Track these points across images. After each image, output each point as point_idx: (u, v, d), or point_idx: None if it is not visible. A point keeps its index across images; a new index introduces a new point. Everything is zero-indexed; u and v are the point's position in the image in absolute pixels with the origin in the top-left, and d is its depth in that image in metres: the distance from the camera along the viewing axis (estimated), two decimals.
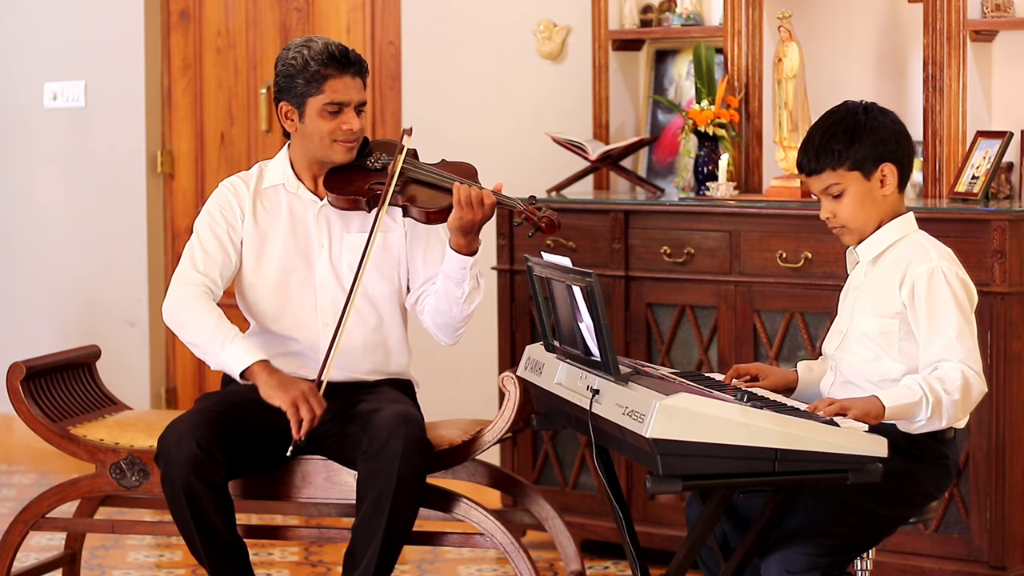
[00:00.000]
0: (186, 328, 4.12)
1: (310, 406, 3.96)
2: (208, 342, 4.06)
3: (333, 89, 4.13)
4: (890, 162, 3.54)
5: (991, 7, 4.93)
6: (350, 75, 4.15)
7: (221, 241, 4.18)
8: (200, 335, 4.08)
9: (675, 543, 4.88)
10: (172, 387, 6.99)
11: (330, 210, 4.20)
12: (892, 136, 3.55)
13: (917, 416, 3.40)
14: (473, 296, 4.13)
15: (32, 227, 7.17)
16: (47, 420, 4.30)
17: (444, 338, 4.22)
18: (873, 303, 3.56)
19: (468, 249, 4.08)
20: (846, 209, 3.56)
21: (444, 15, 6.16)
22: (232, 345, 4.04)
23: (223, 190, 4.25)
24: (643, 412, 3.17)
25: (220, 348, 4.05)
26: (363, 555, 3.92)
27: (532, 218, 4.06)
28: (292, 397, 3.96)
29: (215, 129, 6.85)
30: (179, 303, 4.13)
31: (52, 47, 7.05)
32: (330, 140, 4.15)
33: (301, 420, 3.95)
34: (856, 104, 3.59)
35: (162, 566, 5.33)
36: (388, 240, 4.21)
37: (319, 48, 4.13)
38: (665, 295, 5.13)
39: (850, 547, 3.50)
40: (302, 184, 4.23)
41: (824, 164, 3.55)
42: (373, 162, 4.21)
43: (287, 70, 4.15)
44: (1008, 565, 4.61)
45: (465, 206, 4.02)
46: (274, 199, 4.23)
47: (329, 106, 4.13)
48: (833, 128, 3.56)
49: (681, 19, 5.52)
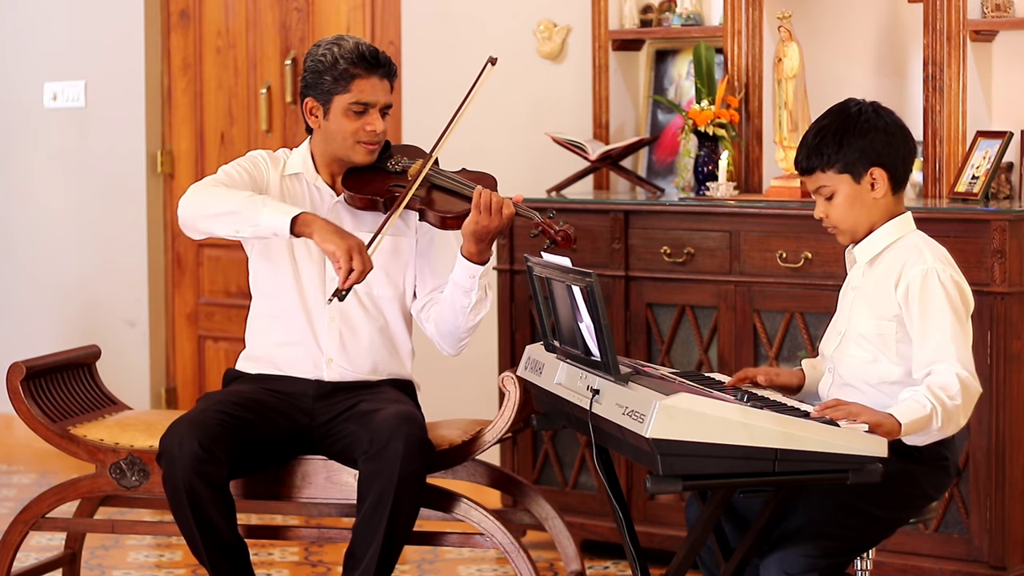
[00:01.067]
0: (215, 202, 4.00)
1: (363, 259, 3.91)
2: (246, 204, 3.96)
3: (360, 89, 4.12)
4: (880, 166, 3.53)
5: (991, 7, 4.93)
6: (378, 76, 4.14)
7: (246, 180, 4.14)
8: (235, 201, 3.98)
9: (675, 543, 4.88)
10: (172, 387, 6.99)
11: (343, 207, 4.20)
12: (884, 139, 3.53)
13: (930, 428, 3.38)
14: (480, 307, 4.12)
15: (32, 227, 7.17)
16: (47, 420, 4.30)
17: (447, 348, 4.22)
18: (870, 305, 3.55)
19: (480, 258, 4.07)
20: (837, 211, 3.57)
21: (444, 15, 6.16)
22: (272, 203, 3.97)
23: (255, 156, 4.23)
24: (643, 412, 3.17)
25: (262, 206, 3.95)
26: (363, 555, 3.92)
27: (549, 231, 4.05)
28: (348, 245, 3.90)
29: (215, 129, 6.85)
30: (202, 186, 4.05)
31: (52, 47, 7.05)
32: (353, 140, 4.15)
33: (351, 271, 3.90)
34: (853, 104, 3.58)
35: (162, 566, 5.33)
36: (399, 245, 4.20)
37: (350, 47, 4.13)
38: (665, 295, 5.13)
39: (849, 548, 3.50)
40: (320, 177, 4.23)
41: (815, 165, 3.56)
42: (394, 165, 4.21)
43: (316, 66, 4.14)
44: (1008, 565, 4.61)
45: (484, 211, 4.01)
46: (296, 186, 4.22)
47: (355, 106, 4.12)
48: (825, 130, 3.56)
49: (681, 19, 5.52)
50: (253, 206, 3.97)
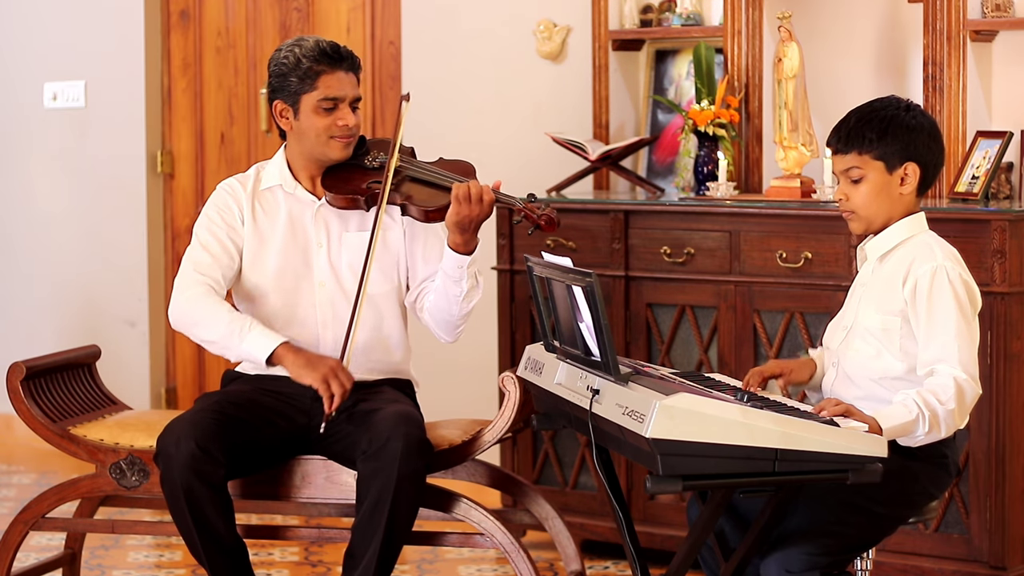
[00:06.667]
0: (200, 326, 4.12)
1: (340, 381, 4.00)
2: (226, 336, 4.07)
3: (327, 85, 4.14)
4: (916, 163, 3.55)
5: (991, 7, 4.93)
6: (343, 70, 4.16)
7: (222, 243, 4.18)
8: (217, 330, 4.08)
9: (675, 543, 4.88)
10: (172, 387, 6.99)
11: (328, 209, 4.20)
12: (926, 140, 3.57)
13: (915, 433, 3.41)
14: (472, 295, 4.13)
15: (32, 227, 7.17)
16: (47, 420, 4.30)
17: (444, 335, 4.23)
18: (877, 300, 3.56)
19: (466, 248, 4.08)
20: (860, 196, 3.57)
21: (444, 15, 6.16)
22: (252, 333, 4.05)
23: (221, 192, 4.25)
24: (643, 412, 3.17)
25: (240, 339, 4.05)
26: (363, 555, 3.92)
27: (531, 216, 4.06)
28: (322, 374, 4.00)
29: (215, 129, 6.85)
30: (187, 303, 4.13)
31: (52, 47, 7.05)
32: (327, 136, 4.16)
33: (332, 396, 3.99)
34: (902, 100, 3.61)
35: (162, 566, 5.33)
36: (387, 238, 4.21)
37: (310, 45, 4.15)
38: (665, 295, 5.13)
39: (850, 547, 3.50)
40: (299, 184, 4.23)
41: (852, 146, 3.57)
42: (371, 160, 4.21)
43: (279, 69, 4.16)
44: (1008, 565, 4.61)
45: (464, 202, 4.02)
46: (272, 200, 4.23)
47: (324, 102, 4.13)
48: (871, 115, 3.57)
49: (681, 19, 5.52)
50: (233, 336, 4.06)
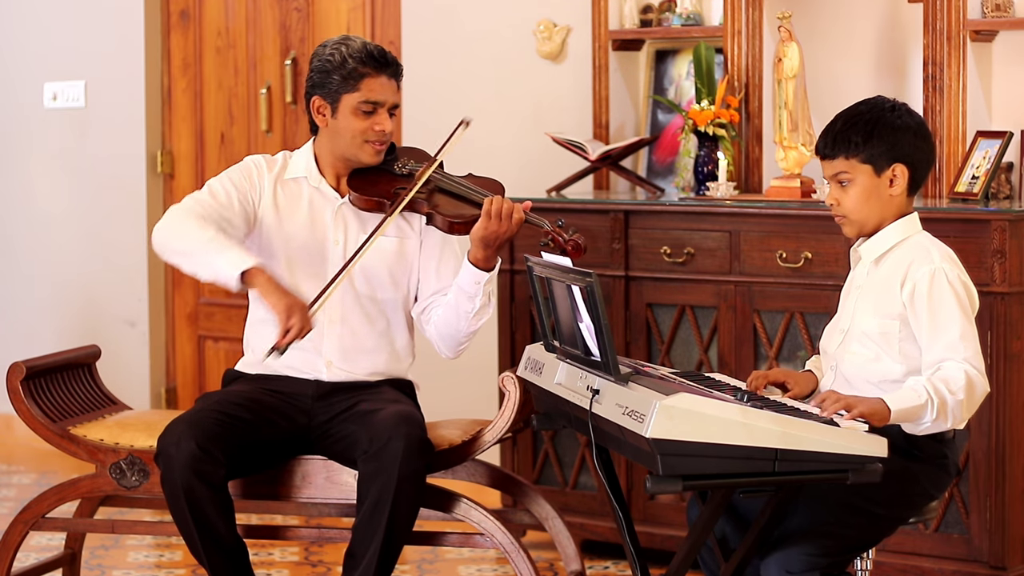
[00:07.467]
0: (180, 237, 4.01)
1: (301, 318, 3.91)
2: (203, 246, 3.96)
3: (369, 88, 4.13)
4: (904, 164, 3.54)
5: (991, 7, 4.93)
6: (387, 76, 4.16)
7: (230, 197, 4.13)
8: (196, 241, 3.97)
9: (675, 543, 4.88)
10: (172, 387, 6.99)
11: (349, 209, 4.20)
12: (913, 139, 3.55)
13: (922, 418, 3.40)
14: (482, 313, 4.12)
15: (32, 227, 7.17)
16: (47, 420, 4.30)
17: (446, 351, 4.22)
18: (875, 304, 3.56)
19: (486, 264, 4.07)
20: (850, 200, 3.57)
21: (444, 15, 6.16)
22: (232, 250, 3.95)
23: (248, 163, 4.23)
24: (643, 412, 3.17)
25: (218, 253, 3.95)
26: (363, 555, 3.92)
27: (558, 239, 4.04)
28: (287, 304, 3.91)
29: (215, 129, 6.85)
30: (175, 213, 4.05)
31: (52, 47, 7.05)
32: (361, 140, 4.15)
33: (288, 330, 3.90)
34: (887, 101, 3.60)
35: (162, 566, 5.34)
36: (403, 247, 4.20)
37: (357, 46, 4.14)
38: (665, 295, 5.13)
39: (849, 547, 3.50)
40: (324, 180, 4.23)
41: (839, 151, 3.56)
42: (400, 167, 4.21)
43: (324, 65, 4.15)
44: (1008, 565, 4.61)
45: (494, 217, 4.01)
46: (295, 190, 4.22)
47: (364, 105, 4.13)
48: (857, 118, 3.56)
49: (681, 19, 5.52)
50: (209, 251, 3.95)
